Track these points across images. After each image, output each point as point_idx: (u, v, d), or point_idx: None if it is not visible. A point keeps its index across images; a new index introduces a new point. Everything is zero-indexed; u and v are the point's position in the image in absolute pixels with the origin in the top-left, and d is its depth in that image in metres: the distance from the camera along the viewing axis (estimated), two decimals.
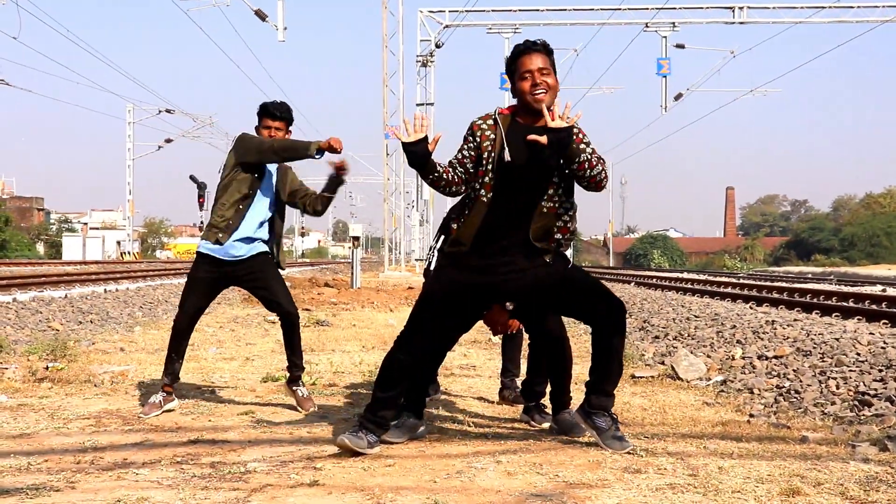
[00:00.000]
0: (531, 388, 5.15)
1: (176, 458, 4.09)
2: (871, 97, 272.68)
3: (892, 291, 19.04)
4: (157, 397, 5.27)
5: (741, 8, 31.02)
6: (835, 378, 6.37)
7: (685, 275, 35.34)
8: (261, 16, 25.95)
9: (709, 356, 8.06)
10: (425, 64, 33.04)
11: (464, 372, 7.32)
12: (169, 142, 54.35)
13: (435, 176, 4.14)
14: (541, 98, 4.13)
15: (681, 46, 32.36)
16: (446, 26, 32.08)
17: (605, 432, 4.24)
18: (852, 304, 13.91)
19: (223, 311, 13.86)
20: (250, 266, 5.30)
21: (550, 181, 4.14)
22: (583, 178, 4.15)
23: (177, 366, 5.35)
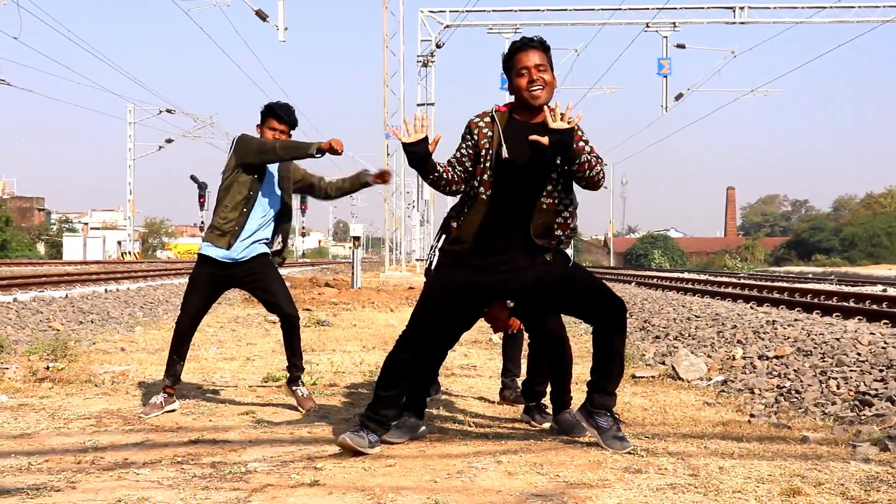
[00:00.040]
0: (531, 388, 5.15)
1: (176, 458, 4.09)
2: (872, 97, 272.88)
3: (892, 291, 19.04)
4: (158, 398, 5.28)
5: (742, 8, 31.02)
6: (835, 378, 6.37)
7: (686, 275, 35.34)
8: (261, 16, 25.95)
9: (709, 356, 8.06)
10: (426, 64, 33.05)
11: (464, 372, 7.33)
12: (170, 142, 54.39)
13: (435, 176, 4.14)
14: (538, 94, 4.13)
15: (681, 46, 32.36)
16: (447, 26, 32.09)
17: (606, 432, 4.24)
18: (853, 304, 13.91)
19: (224, 311, 13.86)
20: (251, 268, 5.31)
21: (549, 178, 4.14)
22: (582, 178, 4.15)
23: (178, 367, 5.35)
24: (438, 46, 32.22)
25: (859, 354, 7.27)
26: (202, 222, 59.52)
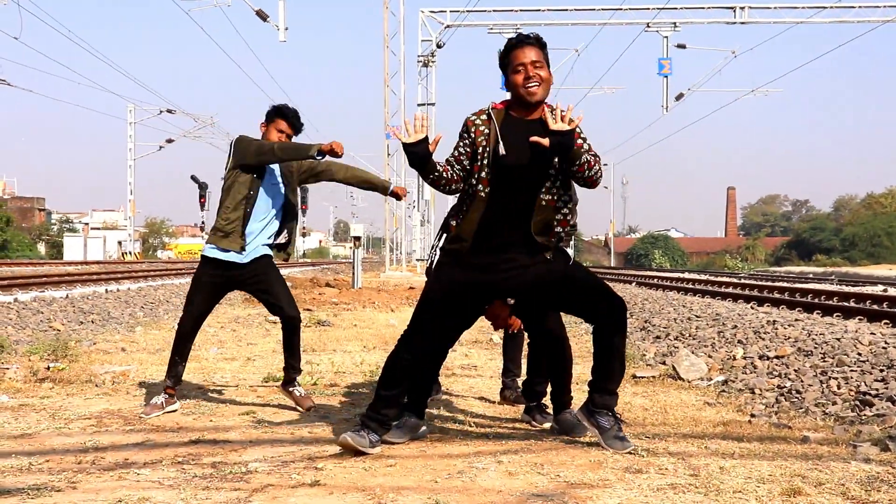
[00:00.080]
0: (532, 387, 5.16)
1: (177, 458, 4.10)
2: (873, 97, 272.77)
3: (893, 291, 19.04)
4: (159, 399, 5.28)
5: (742, 8, 31.02)
6: (836, 378, 6.36)
7: (686, 275, 35.33)
8: (262, 16, 25.95)
9: (710, 356, 8.06)
10: (426, 64, 33.05)
11: (465, 372, 7.33)
12: (170, 142, 54.39)
13: (435, 175, 4.14)
14: (534, 91, 4.13)
15: (682, 46, 32.35)
16: (447, 26, 32.09)
17: (607, 432, 4.24)
18: (853, 304, 13.90)
19: (224, 311, 13.86)
20: (254, 269, 5.31)
21: (548, 175, 4.14)
22: (582, 178, 4.15)
23: (180, 368, 5.35)
24: (439, 46, 32.22)
25: (860, 354, 7.27)
26: (203, 222, 59.52)
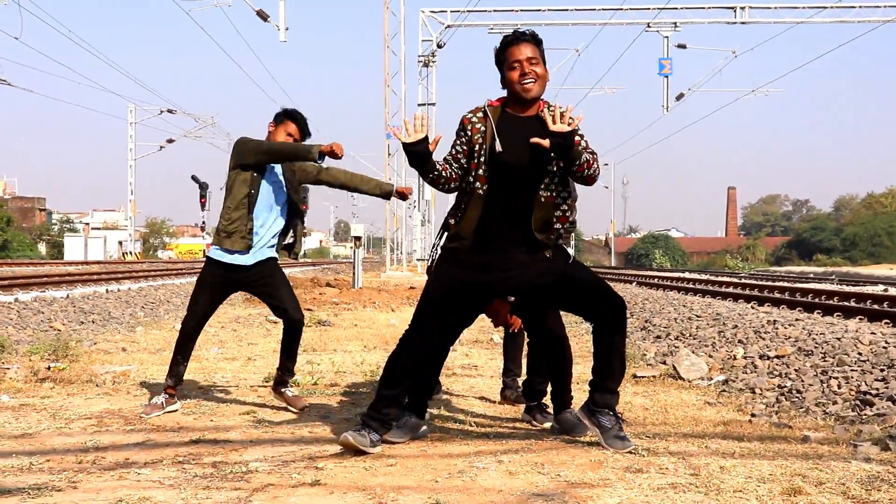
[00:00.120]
0: (532, 387, 5.16)
1: (178, 457, 4.10)
2: (873, 97, 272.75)
3: (893, 291, 19.03)
4: (159, 398, 5.28)
5: (742, 8, 31.03)
6: (836, 378, 6.36)
7: (687, 275, 35.32)
8: (262, 16, 25.95)
9: (710, 356, 8.06)
10: (427, 64, 33.06)
11: (465, 372, 7.33)
12: (171, 142, 54.38)
13: (434, 174, 4.15)
14: (529, 87, 4.13)
15: (682, 46, 32.36)
16: (448, 26, 32.10)
17: (608, 431, 4.24)
18: (854, 303, 13.90)
19: (225, 311, 13.86)
20: (259, 272, 5.31)
21: (545, 171, 4.13)
22: (581, 177, 4.16)
23: (181, 368, 5.36)
24: (439, 46, 32.23)
25: (860, 354, 7.27)
26: (203, 222, 59.59)
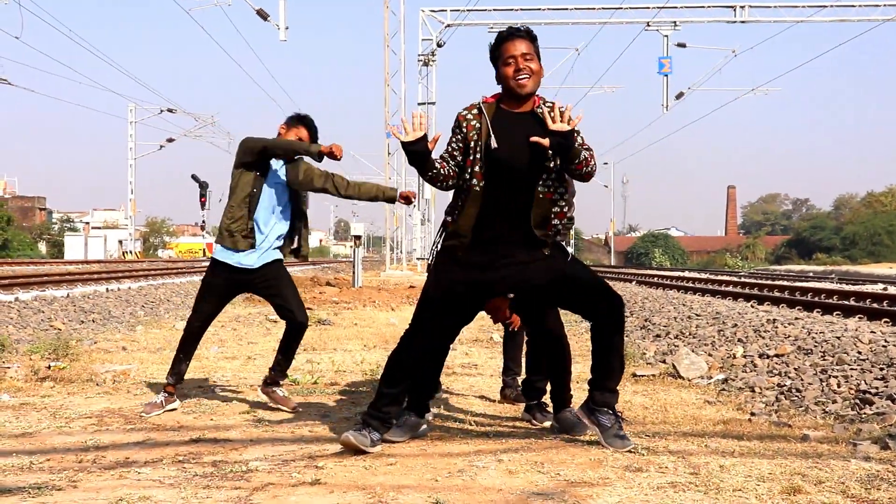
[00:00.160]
0: (531, 385, 5.16)
1: (178, 456, 4.10)
2: (873, 96, 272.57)
3: (893, 290, 19.03)
4: (159, 397, 5.28)
5: (742, 7, 31.01)
6: (836, 376, 6.37)
7: (686, 273, 35.32)
8: (262, 15, 25.94)
9: (710, 355, 8.06)
10: (427, 63, 33.05)
11: (465, 371, 7.33)
12: (171, 141, 54.39)
13: (433, 172, 4.15)
14: (524, 83, 4.13)
15: (682, 45, 32.34)
16: (448, 25, 32.09)
17: (607, 430, 4.24)
18: (853, 302, 13.90)
19: (225, 310, 13.79)
20: (264, 274, 5.31)
21: (541, 167, 4.13)
22: (579, 174, 4.16)
23: (183, 367, 5.36)
24: (439, 45, 32.23)
25: (860, 353, 7.27)
26: (203, 221, 59.60)
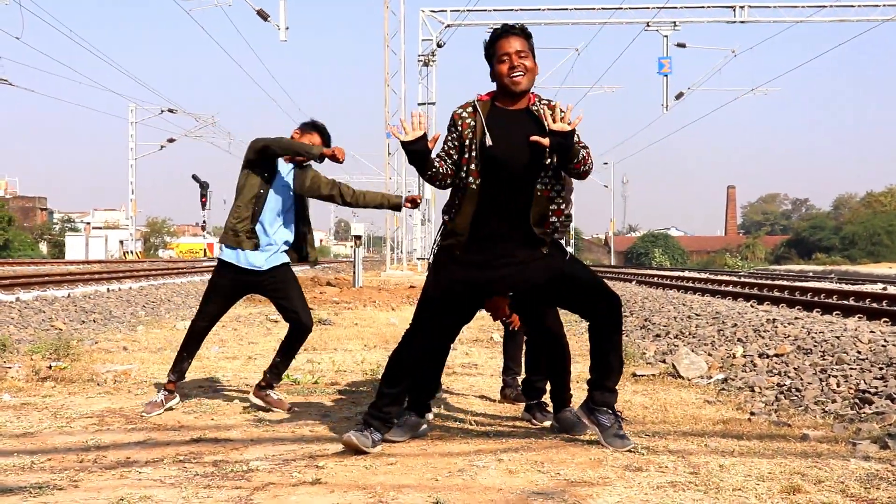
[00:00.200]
0: (531, 385, 5.17)
1: (178, 456, 4.11)
2: (872, 96, 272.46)
3: (892, 290, 19.04)
4: (159, 396, 5.29)
5: (742, 7, 31.00)
6: (835, 376, 6.38)
7: (686, 273, 35.33)
8: (263, 16, 25.95)
9: (710, 354, 8.07)
10: (427, 63, 33.06)
11: (465, 370, 7.34)
12: (171, 141, 54.41)
13: (432, 172, 4.16)
14: (518, 80, 4.14)
15: (682, 46, 32.33)
16: (448, 26, 32.09)
17: (607, 429, 4.25)
18: (853, 302, 13.91)
19: None
20: (272, 276, 5.32)
21: (537, 164, 4.13)
22: (577, 173, 4.17)
23: (185, 365, 5.38)
24: (439, 46, 32.22)
25: (859, 352, 7.28)
26: (204, 221, 59.67)
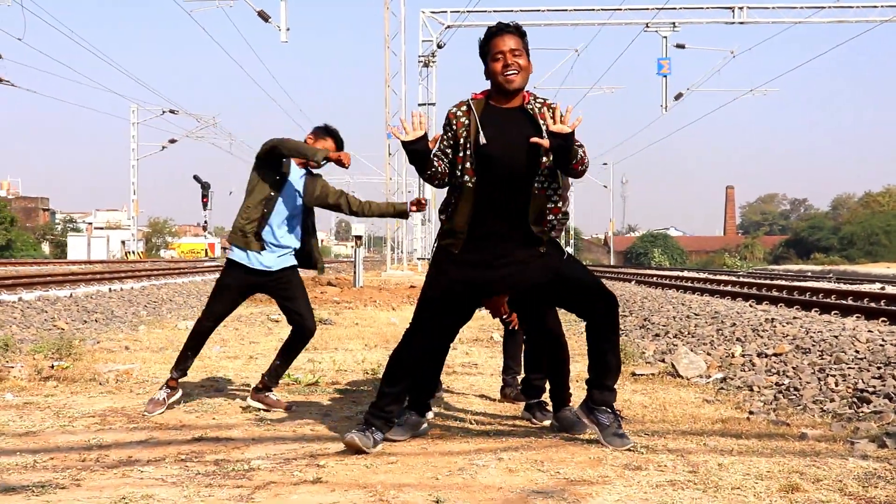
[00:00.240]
0: (531, 384, 5.19)
1: (180, 455, 4.13)
2: (870, 96, 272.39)
3: (890, 289, 19.05)
4: (161, 394, 5.30)
5: (741, 8, 30.98)
6: (834, 375, 6.40)
7: (685, 273, 35.33)
8: (264, 17, 25.94)
9: (709, 354, 8.09)
10: (427, 64, 33.05)
11: (466, 370, 7.36)
12: (173, 142, 54.35)
13: (432, 171, 4.18)
14: (512, 78, 4.15)
15: (681, 46, 32.32)
16: (448, 27, 32.07)
17: (606, 429, 4.26)
18: (851, 301, 13.93)
19: None
20: (279, 278, 5.34)
21: (532, 163, 4.14)
22: (574, 172, 4.19)
23: (189, 362, 5.40)
24: (439, 47, 32.20)
25: (857, 352, 7.30)
26: (205, 222, 59.59)
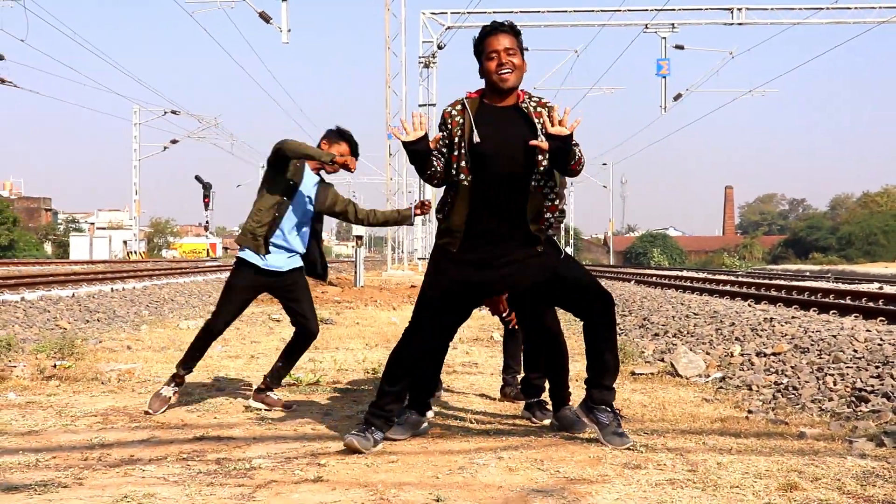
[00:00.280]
0: (530, 383, 5.20)
1: (182, 454, 4.14)
2: (869, 97, 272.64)
3: (888, 289, 19.05)
4: (168, 391, 5.29)
5: (740, 9, 30.97)
6: (832, 374, 6.42)
7: (684, 273, 35.32)
8: (265, 18, 25.94)
9: (708, 353, 8.11)
10: (427, 65, 33.06)
11: (466, 369, 7.37)
12: (175, 142, 54.37)
13: (432, 170, 4.19)
14: (506, 77, 4.16)
15: (680, 47, 32.32)
16: (448, 28, 32.06)
17: (606, 428, 4.28)
18: (849, 301, 13.94)
19: None
20: (287, 279, 5.36)
21: (527, 160, 4.14)
22: (573, 173, 4.21)
23: (196, 361, 5.43)
24: (440, 47, 32.20)
25: (856, 351, 7.32)
26: (207, 222, 59.54)
